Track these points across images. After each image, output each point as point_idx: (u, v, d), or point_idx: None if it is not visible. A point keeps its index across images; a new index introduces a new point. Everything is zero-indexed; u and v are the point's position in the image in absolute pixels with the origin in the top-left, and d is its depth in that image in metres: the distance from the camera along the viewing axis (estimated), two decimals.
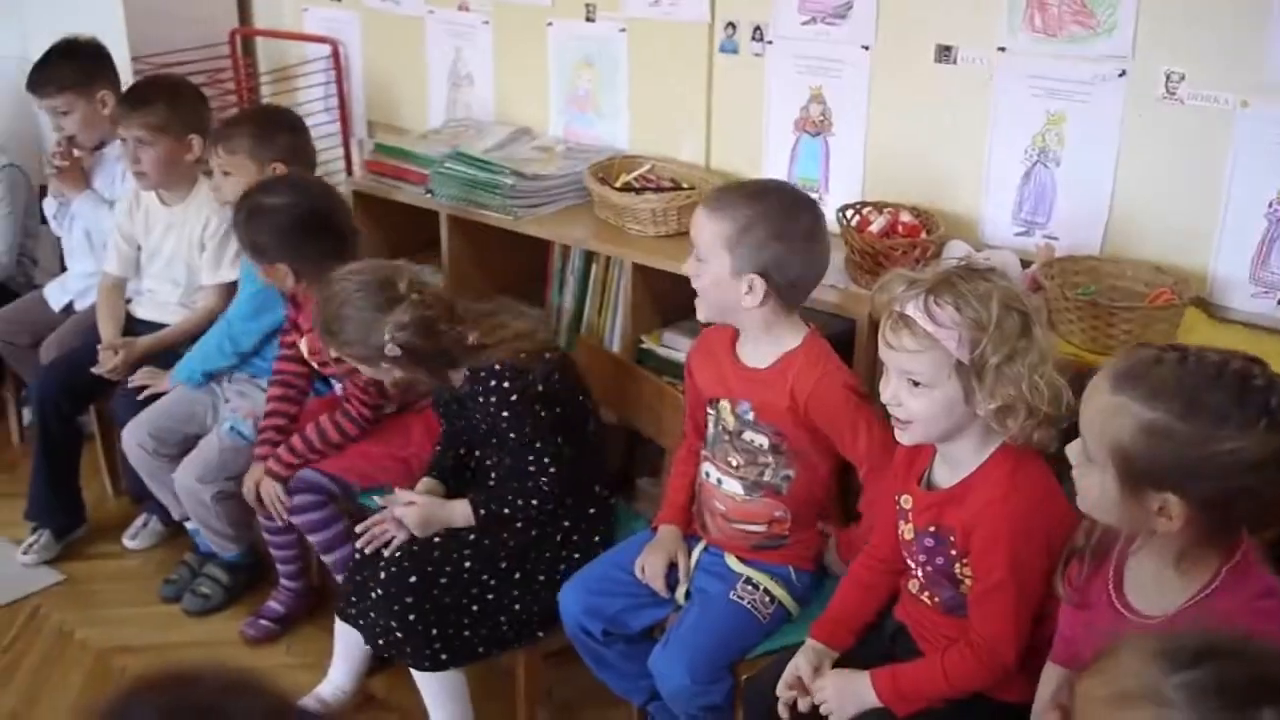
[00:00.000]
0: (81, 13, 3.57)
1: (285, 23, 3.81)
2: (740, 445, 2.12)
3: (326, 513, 2.59)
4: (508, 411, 2.23)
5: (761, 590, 2.11)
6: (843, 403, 2.04)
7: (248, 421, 2.75)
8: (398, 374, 2.27)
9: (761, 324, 2.07)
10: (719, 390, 2.15)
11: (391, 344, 2.21)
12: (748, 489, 2.13)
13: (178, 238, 3.08)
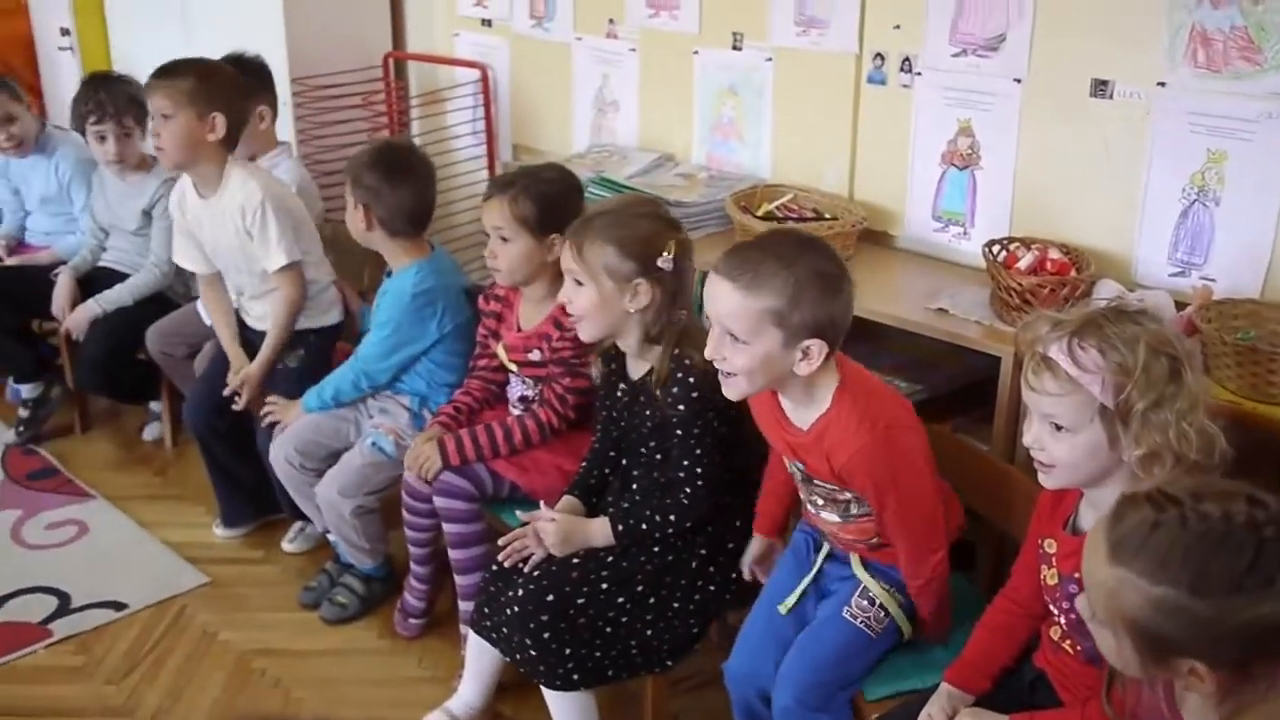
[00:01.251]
0: (247, 33, 3.70)
1: (437, 47, 3.91)
2: (817, 489, 2.09)
3: (470, 507, 2.62)
4: (684, 407, 2.24)
5: (877, 606, 2.08)
6: (872, 475, 1.97)
7: (389, 438, 2.81)
8: (641, 301, 2.24)
9: (804, 385, 1.99)
10: (775, 443, 2.13)
11: (667, 259, 2.23)
12: (843, 516, 2.10)
13: (222, 230, 3.04)
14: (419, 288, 2.82)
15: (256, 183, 2.98)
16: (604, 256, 2.25)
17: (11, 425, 3.80)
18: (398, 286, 2.84)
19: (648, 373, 2.32)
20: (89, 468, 3.65)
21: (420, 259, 2.87)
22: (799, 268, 1.89)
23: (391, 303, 2.84)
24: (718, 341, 1.95)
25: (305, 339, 3.15)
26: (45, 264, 3.75)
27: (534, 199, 2.58)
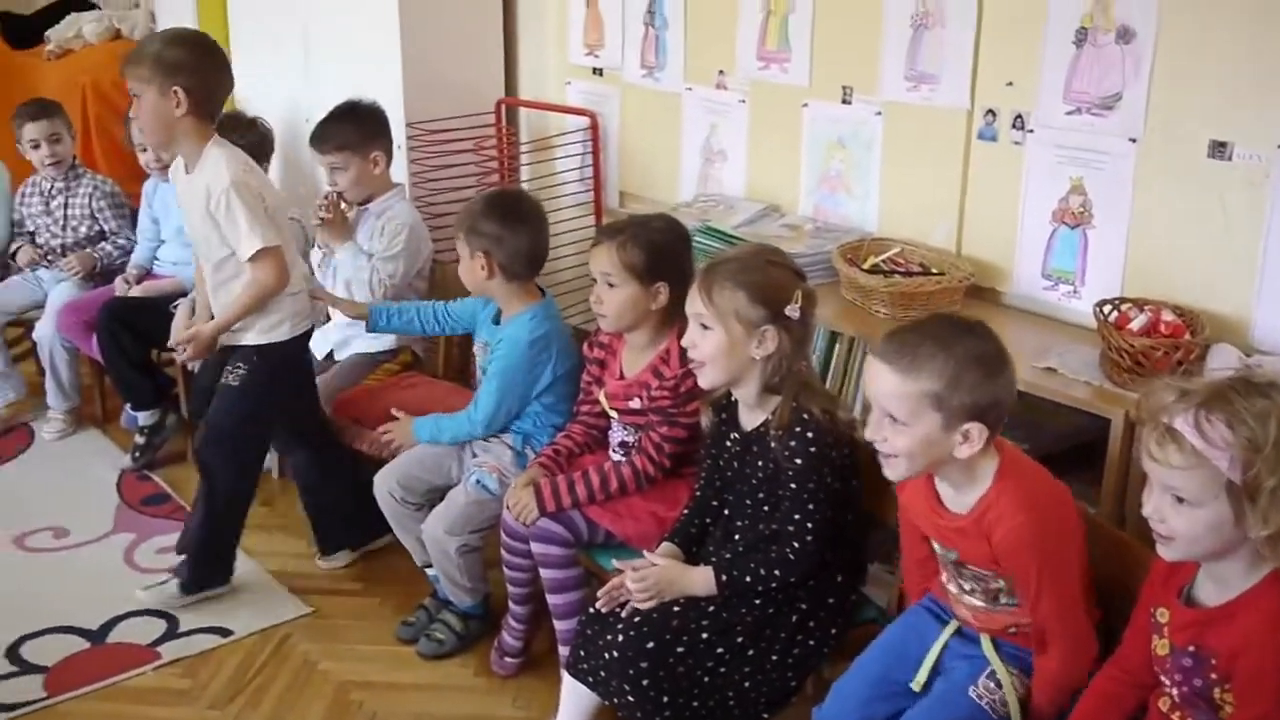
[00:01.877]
0: (366, 77, 3.83)
1: (548, 95, 3.98)
2: (968, 574, 2.07)
3: (565, 552, 2.65)
4: (801, 460, 2.25)
5: (1003, 690, 2.05)
6: (1028, 554, 1.94)
7: (493, 476, 2.85)
8: (768, 348, 2.26)
9: (964, 468, 1.98)
10: (927, 530, 2.11)
11: (795, 308, 2.26)
12: (989, 604, 2.08)
13: (192, 208, 2.97)
14: (535, 334, 2.87)
15: (226, 166, 2.88)
16: (734, 301, 2.27)
17: (128, 451, 3.92)
18: (514, 335, 2.89)
19: (763, 423, 2.33)
20: None
21: (534, 304, 2.92)
22: (957, 350, 1.91)
23: (508, 351, 2.88)
24: (877, 423, 1.97)
25: (249, 356, 3.03)
26: (168, 293, 3.88)
27: (642, 247, 2.62)
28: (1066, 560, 1.95)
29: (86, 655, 2.97)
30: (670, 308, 2.62)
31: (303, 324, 3.08)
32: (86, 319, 3.89)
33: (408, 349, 3.55)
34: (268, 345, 3.02)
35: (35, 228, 4.17)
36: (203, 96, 2.87)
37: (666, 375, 2.61)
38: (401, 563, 3.28)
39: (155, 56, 2.83)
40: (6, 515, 3.59)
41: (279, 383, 3.08)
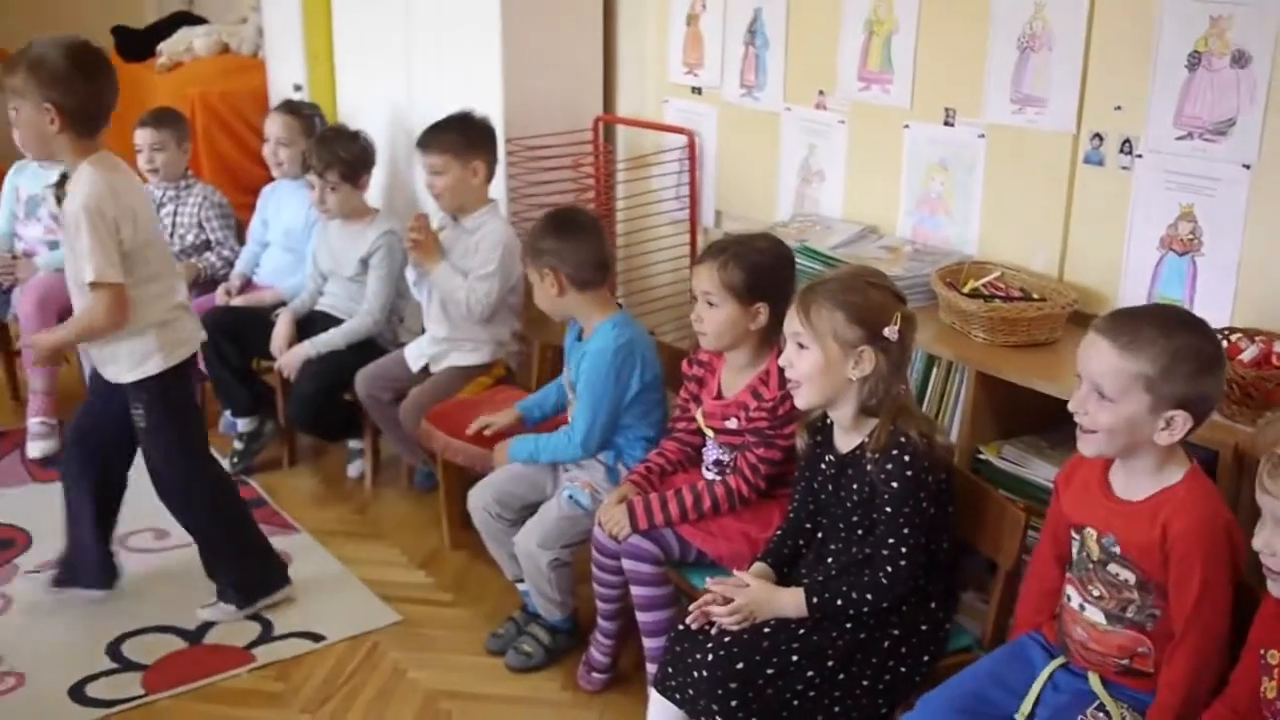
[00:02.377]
0: (467, 92, 3.87)
1: (647, 113, 4.00)
2: (1104, 576, 2.03)
3: (656, 570, 2.65)
4: (898, 484, 2.23)
5: None
6: (1201, 553, 1.91)
7: (585, 492, 2.86)
8: (864, 368, 2.27)
9: (1155, 457, 1.98)
10: (1086, 518, 2.07)
11: (893, 329, 2.26)
12: (1110, 619, 2.04)
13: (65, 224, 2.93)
14: (618, 341, 2.89)
15: (88, 187, 2.79)
16: (832, 321, 2.27)
17: (226, 456, 4.00)
18: (598, 348, 2.91)
19: (859, 446, 2.32)
20: (294, 502, 3.82)
21: (614, 314, 2.94)
22: (1177, 339, 1.92)
23: (594, 363, 2.90)
24: (1084, 397, 1.98)
25: (137, 395, 2.97)
26: (269, 304, 3.97)
27: (744, 267, 2.62)
28: (1226, 577, 1.92)
29: (184, 655, 3.03)
30: (771, 328, 2.61)
31: (178, 353, 2.98)
32: None
33: (501, 363, 3.58)
34: (145, 380, 2.95)
35: None
36: (79, 112, 2.78)
37: (765, 397, 2.61)
38: (492, 576, 3.32)
39: (30, 68, 2.76)
40: None
41: (183, 413, 3.05)
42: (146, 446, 3.06)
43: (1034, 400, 2.56)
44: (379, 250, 3.81)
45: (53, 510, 3.70)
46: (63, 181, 4.04)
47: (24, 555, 3.45)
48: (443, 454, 3.34)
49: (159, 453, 3.05)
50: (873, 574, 2.28)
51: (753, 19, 3.55)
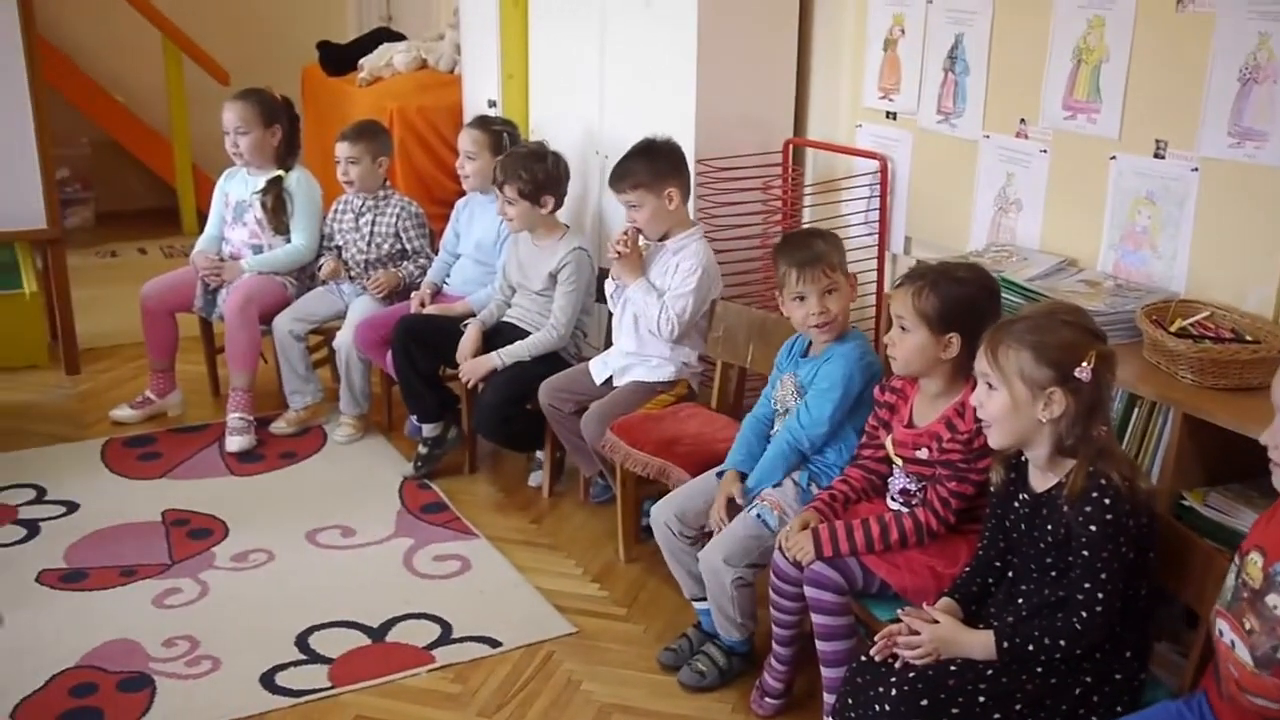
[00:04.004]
0: (660, 112, 3.92)
1: (838, 137, 3.97)
2: (1261, 609, 1.93)
3: (839, 599, 2.62)
4: (1096, 528, 2.17)
5: None
6: None
7: (774, 512, 2.84)
8: (1054, 410, 2.21)
9: None
10: (1260, 539, 1.98)
11: (1085, 369, 2.20)
12: (1258, 662, 1.93)
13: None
14: (865, 359, 2.92)
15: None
16: (1019, 361, 2.22)
17: (410, 459, 4.12)
18: (846, 352, 2.93)
19: (1055, 485, 2.25)
20: (474, 507, 3.90)
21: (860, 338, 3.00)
22: None
23: (839, 365, 2.91)
24: (1276, 430, 1.93)
25: None
26: (459, 314, 4.07)
27: (940, 295, 2.58)
28: None
29: (367, 651, 3.12)
30: (967, 359, 2.56)
31: None
32: (382, 334, 4.11)
33: (684, 382, 3.60)
34: None
35: (343, 243, 4.44)
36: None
37: (960, 428, 2.56)
38: (665, 592, 3.34)
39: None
40: (301, 511, 3.82)
41: None
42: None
43: (1244, 446, 2.44)
44: (567, 266, 3.87)
45: (249, 502, 3.88)
46: (269, 188, 4.28)
47: (221, 544, 3.61)
48: (623, 465, 3.37)
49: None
50: (1066, 618, 2.20)
51: (954, 45, 3.50)
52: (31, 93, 4.50)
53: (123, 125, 7.00)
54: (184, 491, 3.94)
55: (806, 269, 2.91)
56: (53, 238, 4.77)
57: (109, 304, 5.34)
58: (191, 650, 3.08)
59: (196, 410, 4.60)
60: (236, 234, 4.50)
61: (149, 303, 4.45)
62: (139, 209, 7.23)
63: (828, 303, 2.92)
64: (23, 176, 4.51)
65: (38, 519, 3.74)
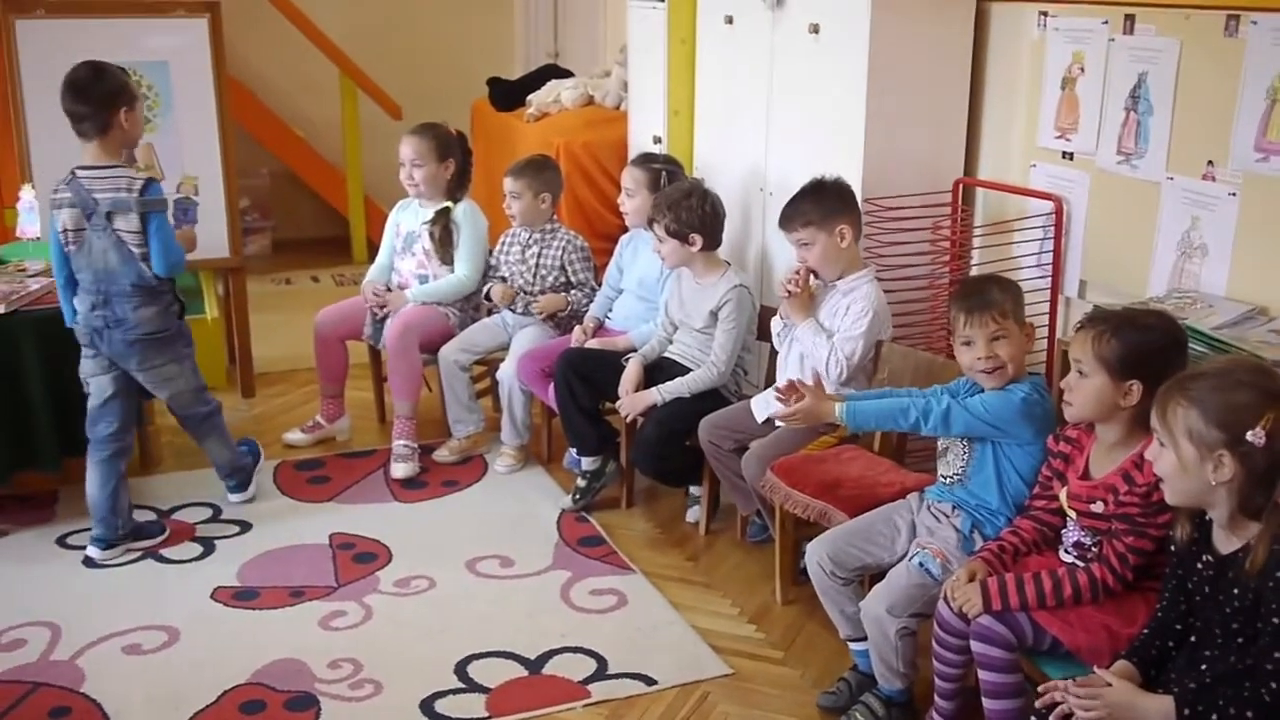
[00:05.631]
0: (826, 150, 3.89)
1: (1011, 177, 3.88)
2: None
3: (1008, 656, 2.54)
4: None
5: None
6: None
7: (936, 560, 2.78)
8: (1224, 474, 2.12)
9: None
10: None
11: (1259, 434, 2.10)
12: None
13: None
14: (1030, 397, 2.85)
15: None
16: (1187, 420, 2.13)
17: (568, 492, 4.15)
18: (1021, 389, 2.88)
19: (1242, 548, 2.14)
20: (630, 542, 3.91)
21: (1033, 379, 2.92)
22: None
23: (1007, 403, 2.86)
24: None
25: None
26: (620, 349, 4.10)
27: (1122, 341, 2.49)
28: None
29: (524, 683, 3.14)
30: (1147, 408, 2.46)
31: None
32: (544, 367, 4.16)
33: None
34: None
35: (509, 274, 4.52)
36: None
37: (1138, 481, 2.46)
38: (823, 636, 3.29)
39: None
40: (462, 539, 3.89)
41: None
42: None
43: None
44: (728, 303, 3.86)
45: (412, 528, 3.96)
46: (436, 219, 4.41)
47: (385, 569, 3.69)
48: (783, 506, 3.33)
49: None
50: (1255, 688, 2.08)
51: (1136, 84, 3.39)
52: (220, 127, 4.71)
53: (300, 157, 7.29)
54: (350, 516, 4.05)
55: (975, 314, 2.85)
56: (235, 265, 4.98)
57: (283, 330, 5.54)
58: (355, 673, 3.15)
59: (364, 436, 4.73)
60: (405, 264, 4.62)
61: (321, 330, 4.60)
62: (313, 238, 7.51)
63: (995, 348, 2.85)
64: (210, 206, 4.71)
65: (213, 537, 3.88)
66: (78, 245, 3.61)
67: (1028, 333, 2.92)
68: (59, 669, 3.16)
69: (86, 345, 3.69)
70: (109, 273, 3.59)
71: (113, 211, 3.57)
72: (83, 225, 3.59)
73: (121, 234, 3.58)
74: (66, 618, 3.39)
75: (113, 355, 3.68)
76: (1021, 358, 2.90)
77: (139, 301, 3.63)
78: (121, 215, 3.57)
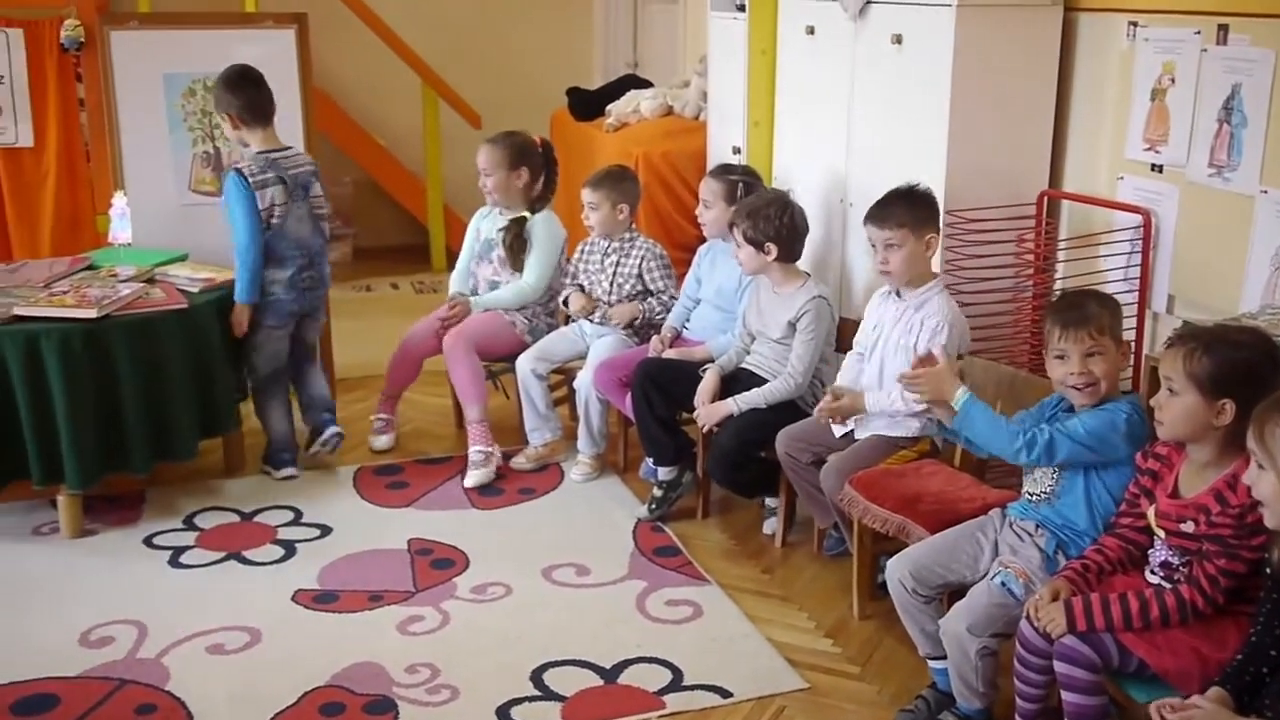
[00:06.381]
0: (910, 162, 3.85)
1: (1098, 189, 3.82)
2: None
3: (1092, 678, 2.49)
4: None
5: None
6: None
7: (1019, 580, 2.74)
8: None
9: None
10: None
11: None
12: None
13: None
14: (1132, 417, 2.79)
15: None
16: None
17: (644, 501, 4.15)
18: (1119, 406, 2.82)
19: None
20: (706, 553, 3.90)
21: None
22: None
23: (1107, 421, 2.81)
24: None
25: None
26: (698, 359, 4.10)
27: (1214, 359, 2.44)
28: None
29: (599, 692, 3.14)
30: (1241, 428, 2.41)
31: None
32: (621, 377, 4.17)
33: (928, 438, 3.51)
34: None
35: (587, 283, 4.54)
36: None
37: (1231, 502, 2.40)
38: (900, 651, 3.27)
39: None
40: (538, 547, 3.90)
41: None
42: None
43: None
44: (807, 314, 3.84)
45: (488, 534, 3.99)
46: (510, 227, 4.45)
47: (462, 575, 3.71)
48: (861, 519, 3.31)
49: None
50: None
51: (1230, 95, 3.32)
52: (305, 136, 4.78)
53: (382, 166, 7.38)
54: (428, 521, 4.08)
55: (1071, 328, 2.80)
56: None
57: (363, 336, 5.60)
58: (432, 678, 3.17)
59: (442, 442, 4.77)
60: (482, 270, 4.67)
61: (408, 345, 4.68)
62: (393, 245, 7.60)
63: (1090, 365, 2.80)
64: None
65: (295, 540, 3.94)
66: (282, 218, 4.18)
67: (1124, 351, 2.87)
68: (145, 667, 3.22)
69: (282, 313, 4.26)
70: (309, 237, 4.28)
71: (307, 183, 4.25)
72: (287, 199, 4.17)
73: (313, 201, 4.28)
74: (152, 616, 3.46)
75: (312, 309, 4.41)
76: (1116, 376, 2.85)
77: (326, 257, 4.42)
78: (312, 185, 4.29)
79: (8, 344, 3.70)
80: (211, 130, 4.77)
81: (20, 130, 4.92)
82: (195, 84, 4.72)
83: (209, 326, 4.10)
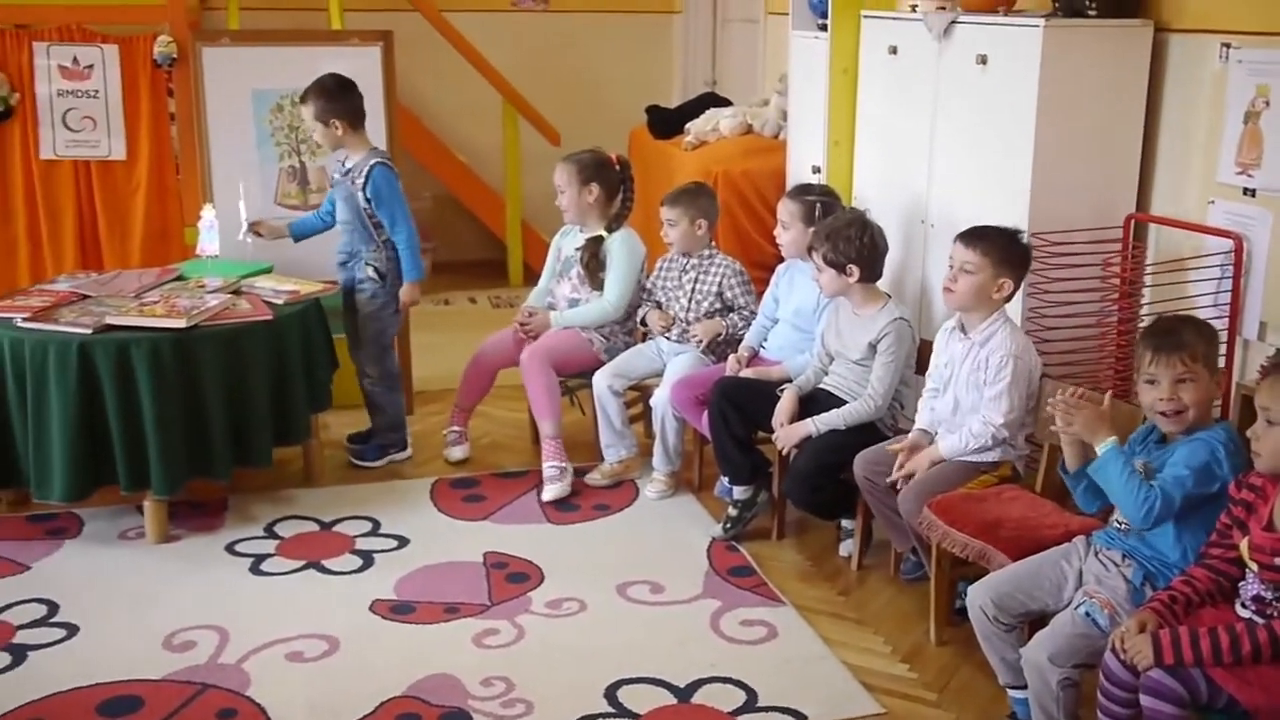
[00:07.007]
0: (993, 184, 3.83)
1: (1187, 213, 3.76)
2: None
3: (1179, 713, 2.43)
4: None
5: None
6: None
7: (1104, 611, 2.69)
8: None
9: None
10: None
11: None
12: None
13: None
14: (1228, 446, 2.73)
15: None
16: None
17: (719, 520, 4.14)
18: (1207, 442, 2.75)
19: None
20: (781, 574, 3.87)
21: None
22: None
23: (1200, 449, 2.75)
24: None
25: None
26: (775, 379, 4.08)
27: None
28: None
29: (672, 711, 3.13)
30: None
31: None
32: (698, 394, 4.17)
33: (1009, 463, 3.47)
34: None
35: (665, 300, 4.55)
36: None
37: None
38: (978, 678, 3.23)
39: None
40: (612, 563, 3.91)
41: None
42: None
43: None
44: (887, 336, 3.81)
45: (564, 550, 4.00)
46: (588, 245, 4.47)
47: (537, 590, 3.73)
48: (940, 544, 3.27)
49: None
50: None
51: None
52: (389, 152, 4.85)
53: (462, 182, 7.46)
54: (504, 535, 4.10)
55: (1163, 354, 2.75)
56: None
57: (440, 350, 5.65)
58: (507, 691, 3.19)
59: (518, 456, 4.80)
60: (561, 288, 4.69)
61: (482, 357, 4.73)
62: (471, 260, 7.67)
63: (1180, 391, 2.74)
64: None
65: (372, 550, 3.98)
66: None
67: (1218, 380, 2.81)
68: (226, 672, 3.27)
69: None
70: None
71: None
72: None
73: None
74: (233, 622, 3.52)
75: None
76: (1208, 404, 2.78)
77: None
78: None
79: (99, 353, 3.79)
80: (298, 145, 4.86)
81: (113, 144, 5.07)
82: (283, 100, 4.82)
83: (290, 338, 4.18)
